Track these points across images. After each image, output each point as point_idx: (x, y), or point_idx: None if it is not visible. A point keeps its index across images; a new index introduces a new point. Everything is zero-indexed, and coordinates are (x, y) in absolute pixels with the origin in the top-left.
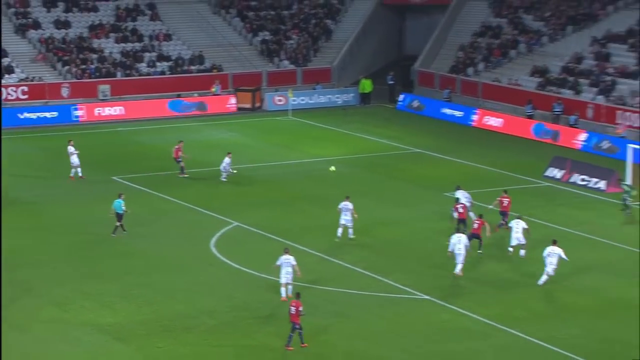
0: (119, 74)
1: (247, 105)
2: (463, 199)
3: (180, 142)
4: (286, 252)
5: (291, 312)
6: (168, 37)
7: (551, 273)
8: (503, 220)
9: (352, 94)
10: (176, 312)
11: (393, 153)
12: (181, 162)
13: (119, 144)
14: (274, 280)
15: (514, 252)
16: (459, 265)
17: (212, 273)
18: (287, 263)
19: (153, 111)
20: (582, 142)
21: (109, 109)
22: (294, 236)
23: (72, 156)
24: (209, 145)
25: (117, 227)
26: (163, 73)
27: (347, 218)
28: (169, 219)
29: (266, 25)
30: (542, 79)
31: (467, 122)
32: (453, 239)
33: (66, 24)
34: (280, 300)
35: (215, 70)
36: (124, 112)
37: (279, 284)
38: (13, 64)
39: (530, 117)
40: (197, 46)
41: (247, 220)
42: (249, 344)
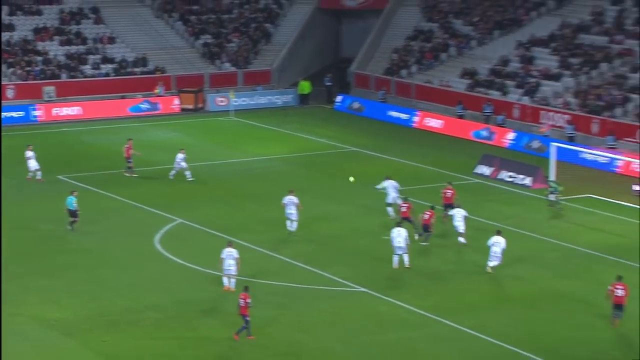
0: (63, 75)
1: (190, 106)
2: (391, 188)
3: (130, 140)
4: (229, 245)
5: (240, 305)
6: (112, 40)
7: (496, 261)
8: (445, 211)
9: (292, 95)
10: (121, 306)
11: (331, 152)
12: (130, 162)
13: (68, 144)
14: (217, 274)
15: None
16: (406, 257)
17: (157, 269)
18: (229, 256)
19: (111, 111)
20: (510, 141)
21: (67, 109)
22: (236, 232)
23: (29, 160)
24: (154, 146)
25: (72, 222)
26: (107, 75)
27: (292, 212)
28: (115, 217)
29: (208, 28)
30: (472, 80)
31: (409, 124)
32: (393, 232)
33: (10, 27)
34: (223, 289)
35: (158, 72)
36: (81, 112)
37: (222, 276)
38: None
39: (461, 117)
40: (140, 49)
41: (190, 217)
42: (192, 336)
